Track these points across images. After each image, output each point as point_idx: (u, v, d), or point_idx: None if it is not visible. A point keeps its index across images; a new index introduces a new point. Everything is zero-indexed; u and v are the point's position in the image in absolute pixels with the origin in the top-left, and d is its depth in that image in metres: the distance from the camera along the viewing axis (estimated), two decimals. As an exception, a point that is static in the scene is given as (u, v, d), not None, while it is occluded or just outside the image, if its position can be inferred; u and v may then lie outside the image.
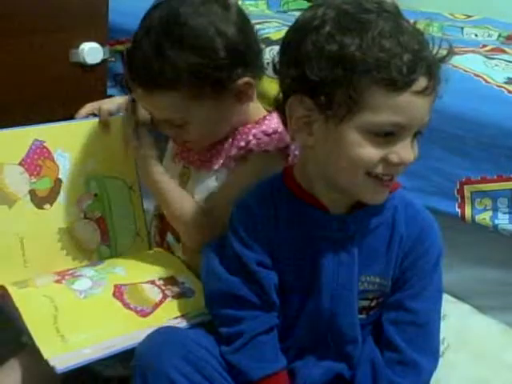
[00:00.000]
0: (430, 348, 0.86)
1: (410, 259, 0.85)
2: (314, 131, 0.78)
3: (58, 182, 1.04)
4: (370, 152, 0.76)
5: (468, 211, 1.18)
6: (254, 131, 0.98)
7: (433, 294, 0.86)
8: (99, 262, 1.06)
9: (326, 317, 0.85)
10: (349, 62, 0.73)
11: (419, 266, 0.84)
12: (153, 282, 0.99)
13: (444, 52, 0.78)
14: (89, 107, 1.11)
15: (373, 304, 0.87)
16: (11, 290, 0.94)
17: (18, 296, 0.93)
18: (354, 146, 0.76)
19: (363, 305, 0.86)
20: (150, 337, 0.85)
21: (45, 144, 1.03)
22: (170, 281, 0.99)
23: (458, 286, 1.20)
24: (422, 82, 0.74)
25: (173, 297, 0.96)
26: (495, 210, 1.16)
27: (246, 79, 0.94)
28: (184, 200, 1.00)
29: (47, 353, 0.84)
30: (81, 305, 0.94)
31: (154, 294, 0.96)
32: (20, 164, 1.01)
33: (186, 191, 1.03)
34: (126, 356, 0.86)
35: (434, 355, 0.86)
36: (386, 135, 0.76)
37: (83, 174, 1.06)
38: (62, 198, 1.04)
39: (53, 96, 1.41)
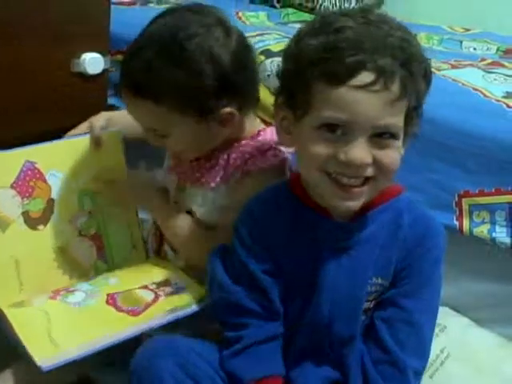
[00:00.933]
0: (420, 349, 0.85)
1: (409, 259, 0.85)
2: (291, 131, 0.82)
3: (51, 202, 1.04)
4: (320, 148, 0.77)
5: (466, 224, 1.19)
6: (249, 150, 0.99)
7: (428, 296, 0.85)
8: (93, 277, 1.06)
9: (325, 323, 0.85)
10: (299, 60, 0.77)
11: (417, 265, 0.84)
12: (146, 287, 0.99)
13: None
14: (82, 127, 1.11)
15: (372, 305, 0.87)
16: (6, 310, 0.94)
17: (11, 314, 0.93)
18: (307, 142, 0.78)
19: (364, 307, 0.86)
20: (147, 344, 0.85)
21: (36, 165, 1.03)
22: (163, 283, 1.00)
23: (456, 299, 1.20)
24: (365, 77, 0.73)
25: (166, 296, 0.97)
26: (493, 222, 1.16)
27: (229, 110, 0.95)
28: (185, 227, 1.01)
29: (37, 356, 0.84)
30: (74, 315, 0.94)
31: (147, 295, 0.97)
32: (11, 187, 1.00)
33: (183, 203, 1.04)
34: (124, 365, 0.86)
35: (424, 356, 0.86)
36: (336, 133, 0.76)
37: (76, 192, 1.06)
38: (55, 217, 1.04)
39: (54, 105, 1.41)
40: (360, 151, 0.76)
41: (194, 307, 0.93)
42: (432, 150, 1.20)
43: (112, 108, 1.60)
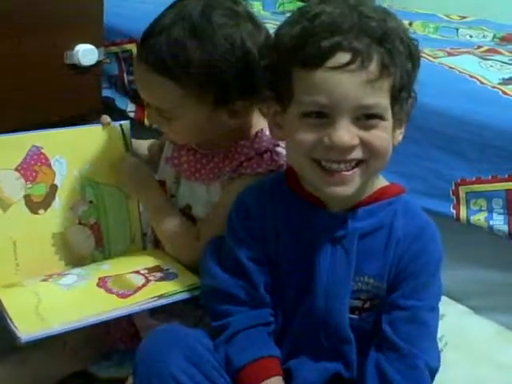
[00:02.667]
0: (429, 345, 0.84)
1: (404, 260, 0.84)
2: (281, 124, 0.82)
3: (54, 187, 1.04)
4: (305, 135, 0.76)
5: (463, 212, 1.18)
6: (245, 151, 0.97)
7: (429, 295, 0.85)
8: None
9: (320, 315, 0.85)
10: (278, 50, 0.79)
11: (413, 266, 0.84)
12: (137, 272, 0.99)
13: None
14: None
15: (366, 305, 0.86)
16: None
17: (2, 291, 0.94)
18: (293, 131, 0.78)
19: (356, 305, 0.86)
20: (151, 336, 0.85)
21: (42, 150, 1.03)
22: (154, 269, 1.00)
23: (453, 287, 1.20)
24: (340, 58, 0.73)
25: (156, 281, 0.97)
26: (490, 210, 1.16)
27: (245, 103, 0.94)
28: (176, 221, 1.01)
29: (21, 328, 0.84)
30: (63, 294, 0.95)
31: (137, 280, 0.97)
32: (16, 169, 1.01)
33: (178, 196, 1.04)
34: (121, 360, 0.86)
35: (434, 352, 0.85)
36: (319, 117, 0.76)
37: (79, 181, 1.06)
38: (56, 203, 1.04)
39: (48, 97, 1.40)
40: (343, 133, 0.75)
41: (184, 294, 0.93)
42: (428, 137, 1.19)
43: (107, 100, 1.59)
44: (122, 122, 1.09)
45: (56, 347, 0.99)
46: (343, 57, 0.73)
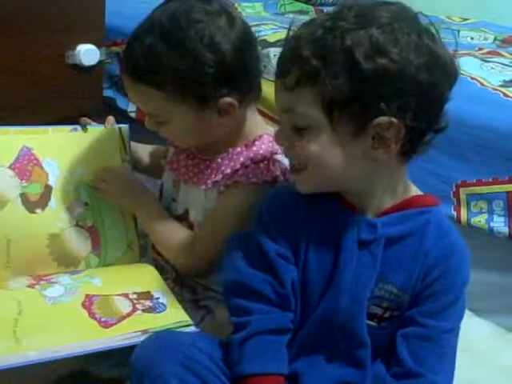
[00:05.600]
0: (440, 366, 0.83)
1: (430, 277, 0.83)
2: None
3: (48, 188, 1.03)
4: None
5: (464, 214, 1.18)
6: (241, 159, 0.97)
7: (448, 317, 0.84)
8: (79, 271, 1.04)
9: (341, 317, 0.84)
10: None
11: (438, 286, 0.83)
12: (126, 295, 0.96)
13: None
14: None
15: (386, 315, 0.85)
16: None
17: None
18: None
19: (376, 312, 0.85)
20: (146, 341, 0.84)
21: (33, 151, 1.02)
22: (144, 295, 0.96)
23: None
24: (280, 68, 0.81)
25: (143, 310, 0.93)
26: (491, 212, 1.16)
27: (228, 100, 0.93)
28: (173, 228, 1.01)
29: None
30: (46, 311, 0.92)
31: (124, 306, 0.93)
32: (10, 168, 1.00)
33: (177, 201, 1.04)
34: (121, 360, 0.86)
35: (446, 374, 0.84)
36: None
37: (72, 183, 1.05)
38: (53, 203, 1.03)
39: (49, 97, 1.41)
40: (277, 133, 0.84)
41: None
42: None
43: (108, 100, 1.59)
44: (121, 126, 1.09)
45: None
46: (284, 67, 0.80)
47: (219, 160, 0.99)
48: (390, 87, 0.75)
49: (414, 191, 0.87)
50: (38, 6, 1.35)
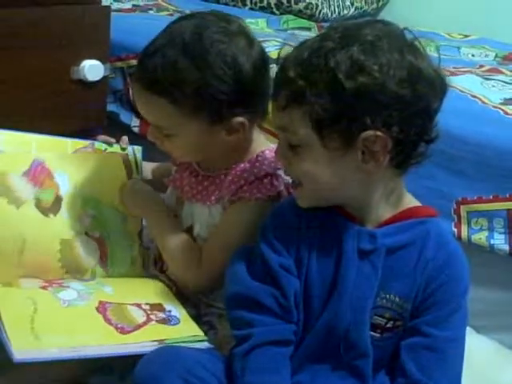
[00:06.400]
0: (446, 376, 0.84)
1: (431, 287, 0.85)
2: None
3: (59, 198, 1.05)
4: None
5: (464, 231, 1.19)
6: (245, 175, 0.98)
7: (452, 326, 0.85)
8: (87, 279, 1.05)
9: (343, 327, 0.85)
10: None
11: (439, 295, 0.84)
12: (139, 305, 0.97)
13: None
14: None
15: (388, 325, 0.86)
16: None
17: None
18: None
19: (378, 322, 0.86)
20: (150, 355, 0.84)
21: (44, 164, 1.05)
22: (156, 307, 0.98)
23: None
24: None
25: (157, 321, 0.94)
26: (491, 229, 1.16)
27: (241, 119, 0.95)
28: (179, 240, 1.01)
29: (16, 345, 0.82)
30: (61, 311, 0.93)
31: (138, 315, 0.95)
32: (24, 175, 1.03)
33: (181, 217, 1.05)
34: (122, 374, 0.86)
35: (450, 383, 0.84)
36: None
37: (81, 196, 1.07)
38: (64, 212, 1.05)
39: (53, 112, 1.42)
40: (276, 151, 0.88)
41: (186, 344, 0.90)
42: (430, 156, 1.20)
43: (111, 114, 1.61)
44: (135, 147, 1.11)
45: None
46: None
47: (222, 176, 1.00)
48: (372, 103, 0.78)
49: (413, 202, 0.89)
50: (43, 21, 1.36)
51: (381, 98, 0.78)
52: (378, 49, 0.78)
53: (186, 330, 0.92)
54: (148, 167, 1.17)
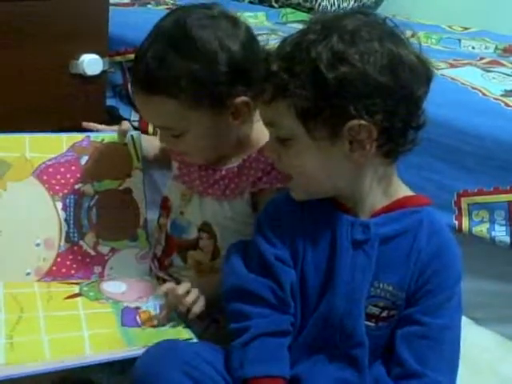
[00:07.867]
0: (442, 364, 0.84)
1: (425, 276, 0.85)
2: None
3: None
4: None
5: (465, 223, 1.19)
6: (261, 165, 0.98)
7: (446, 314, 0.85)
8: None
9: (338, 317, 0.85)
10: None
11: (433, 284, 0.85)
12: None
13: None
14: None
15: (383, 314, 0.86)
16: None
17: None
18: None
19: (373, 311, 0.86)
20: (149, 350, 0.85)
21: None
22: None
23: (454, 298, 1.20)
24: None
25: None
26: (492, 222, 1.16)
27: (244, 98, 0.95)
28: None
29: None
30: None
31: None
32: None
33: (187, 213, 1.05)
34: (123, 367, 0.86)
35: (447, 372, 0.85)
36: None
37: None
38: None
39: (52, 106, 1.42)
40: (265, 146, 0.89)
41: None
42: (431, 149, 1.20)
43: (110, 109, 1.60)
44: (134, 133, 1.11)
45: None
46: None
47: (236, 169, 1.00)
48: (354, 92, 0.78)
49: (406, 191, 0.89)
50: (42, 16, 1.36)
51: (363, 86, 0.78)
52: (358, 38, 0.79)
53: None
54: (156, 143, 1.15)
